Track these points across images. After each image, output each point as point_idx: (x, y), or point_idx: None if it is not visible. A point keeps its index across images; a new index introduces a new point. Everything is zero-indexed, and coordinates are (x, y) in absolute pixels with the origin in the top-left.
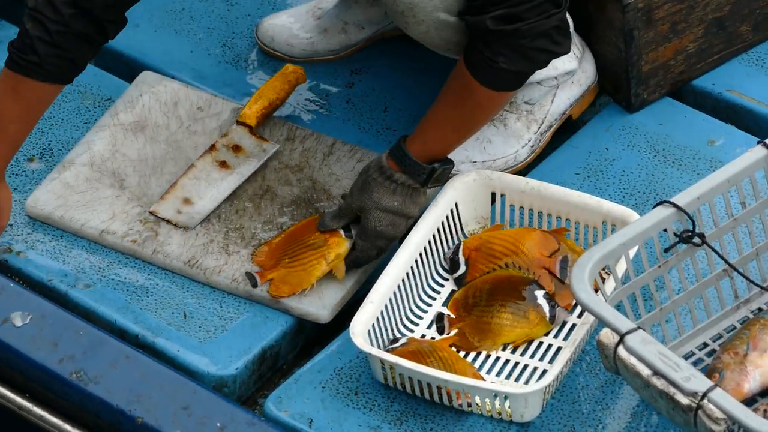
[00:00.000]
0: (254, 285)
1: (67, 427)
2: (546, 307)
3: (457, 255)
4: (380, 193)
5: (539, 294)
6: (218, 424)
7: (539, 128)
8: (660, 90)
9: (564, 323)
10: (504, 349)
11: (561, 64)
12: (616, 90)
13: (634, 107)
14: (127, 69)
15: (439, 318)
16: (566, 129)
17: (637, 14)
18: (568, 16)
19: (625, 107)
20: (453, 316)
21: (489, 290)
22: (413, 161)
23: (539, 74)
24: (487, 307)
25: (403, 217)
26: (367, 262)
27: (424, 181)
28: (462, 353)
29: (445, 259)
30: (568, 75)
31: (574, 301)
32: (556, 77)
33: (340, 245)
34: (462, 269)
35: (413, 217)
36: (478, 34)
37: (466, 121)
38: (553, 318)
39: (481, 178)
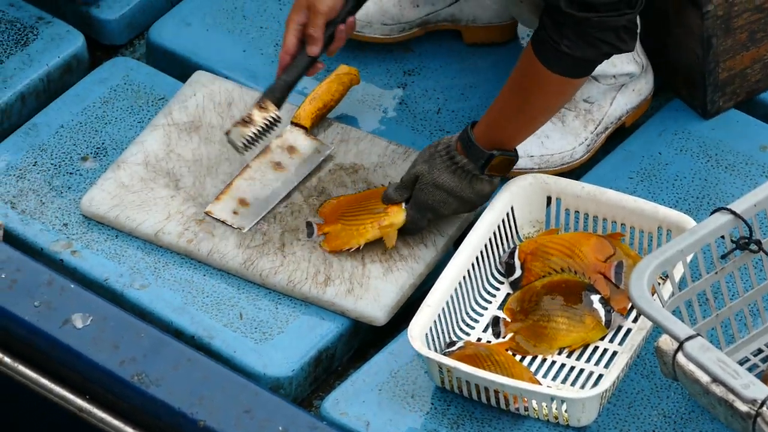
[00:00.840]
0: (310, 234)
1: (128, 429)
2: (602, 312)
3: (513, 259)
4: (440, 170)
5: (595, 298)
6: (280, 428)
7: (596, 128)
8: (735, 98)
9: (619, 327)
10: (560, 353)
11: (619, 62)
12: (691, 96)
13: (709, 114)
14: (180, 68)
15: (495, 322)
16: (618, 135)
17: (717, 21)
18: (638, 19)
19: (700, 114)
20: (509, 319)
21: (545, 294)
22: (474, 145)
23: (596, 69)
24: (542, 311)
25: (456, 198)
26: (416, 231)
27: (482, 167)
28: (518, 357)
29: (500, 263)
30: (626, 77)
31: (629, 306)
32: (614, 76)
33: (396, 215)
34: (518, 273)
35: (468, 202)
36: (549, 9)
37: (527, 103)
38: (608, 322)
39: (537, 181)
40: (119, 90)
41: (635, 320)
